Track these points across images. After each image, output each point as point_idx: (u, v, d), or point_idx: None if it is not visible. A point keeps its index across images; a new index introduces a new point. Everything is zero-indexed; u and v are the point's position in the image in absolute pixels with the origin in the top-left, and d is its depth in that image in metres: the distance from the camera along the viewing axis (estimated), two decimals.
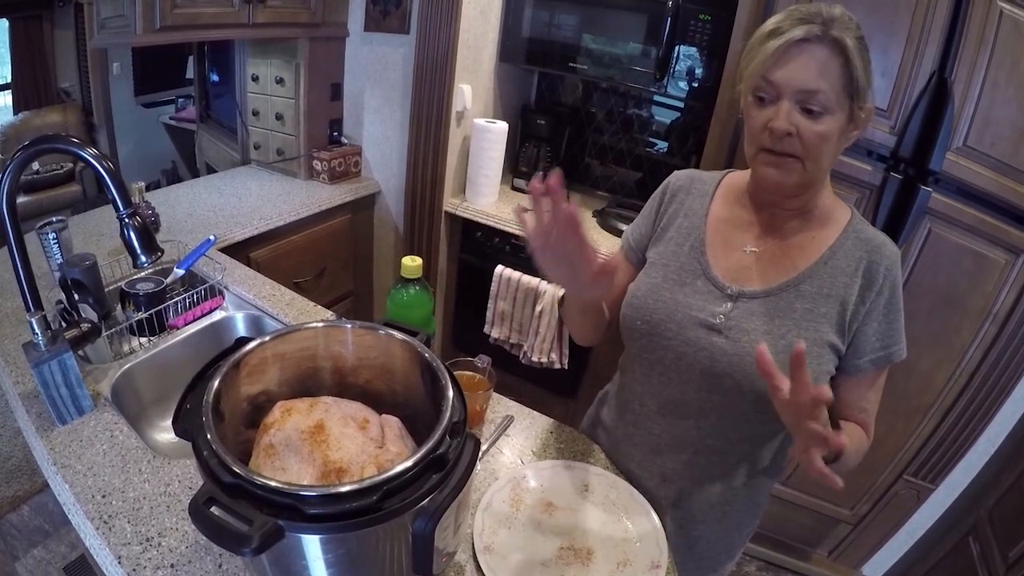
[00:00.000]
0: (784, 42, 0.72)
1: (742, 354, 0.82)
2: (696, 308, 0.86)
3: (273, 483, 0.52)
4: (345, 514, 0.51)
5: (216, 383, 0.64)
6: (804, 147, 0.75)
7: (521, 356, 2.02)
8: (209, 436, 0.57)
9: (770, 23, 0.76)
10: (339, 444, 0.65)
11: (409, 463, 0.55)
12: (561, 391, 2.13)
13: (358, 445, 0.65)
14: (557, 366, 1.95)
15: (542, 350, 1.93)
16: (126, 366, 1.14)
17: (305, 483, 0.60)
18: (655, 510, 0.91)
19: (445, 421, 0.60)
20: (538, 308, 1.90)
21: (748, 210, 0.90)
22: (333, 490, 0.52)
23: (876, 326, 0.82)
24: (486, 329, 2.07)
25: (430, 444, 0.57)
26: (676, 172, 0.99)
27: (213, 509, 0.51)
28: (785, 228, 0.86)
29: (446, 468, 0.57)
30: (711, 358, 0.84)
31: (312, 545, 0.54)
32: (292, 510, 0.51)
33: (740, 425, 0.87)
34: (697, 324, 0.85)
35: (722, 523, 0.97)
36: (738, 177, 0.94)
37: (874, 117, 1.36)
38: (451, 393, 0.65)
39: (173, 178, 4.18)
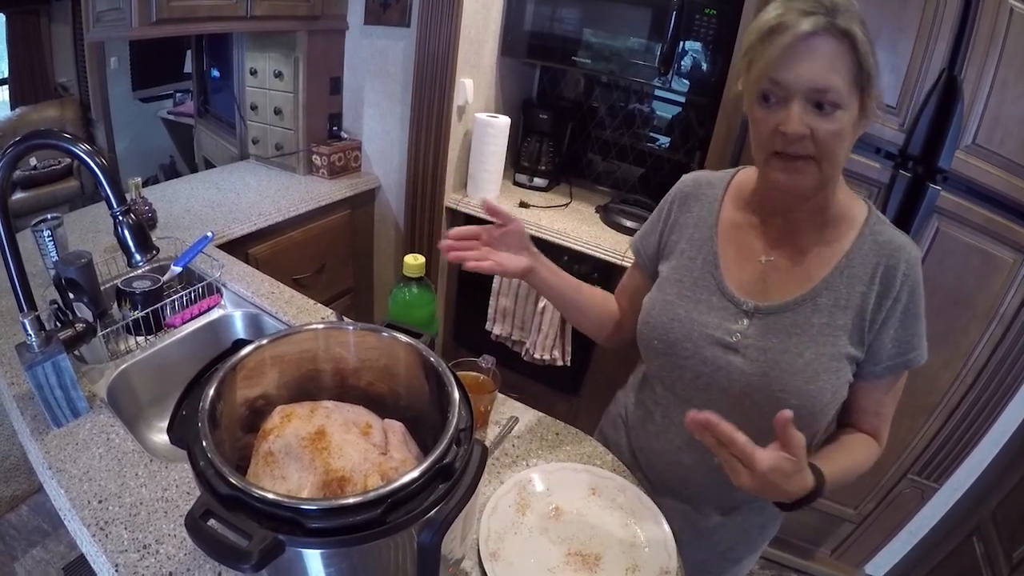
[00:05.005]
0: (790, 39, 0.67)
1: (759, 374, 0.80)
2: (712, 326, 0.84)
3: (272, 496, 0.50)
4: (348, 528, 0.49)
5: (212, 389, 0.62)
6: (818, 148, 0.70)
7: (523, 353, 2.01)
8: (205, 445, 0.55)
9: (770, 16, 0.70)
10: (341, 451, 0.63)
11: (415, 473, 0.53)
12: (564, 388, 2.11)
13: (361, 452, 0.63)
14: (560, 363, 1.94)
15: (544, 347, 1.92)
16: (123, 366, 1.13)
17: (306, 494, 0.58)
18: (679, 511, 0.90)
19: (451, 429, 0.58)
20: (540, 305, 1.88)
21: (761, 214, 0.86)
22: (335, 503, 0.50)
23: (893, 332, 0.79)
24: (488, 326, 2.05)
25: (436, 453, 0.56)
26: (684, 177, 0.96)
27: (210, 522, 0.49)
28: (799, 232, 0.83)
29: (453, 478, 0.56)
30: (728, 378, 0.82)
31: (314, 560, 0.52)
32: (293, 524, 0.49)
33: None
34: (714, 343, 0.83)
35: (743, 526, 0.96)
36: (749, 175, 0.91)
37: (883, 115, 1.36)
38: (457, 399, 0.63)
39: (171, 173, 4.15)
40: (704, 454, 0.88)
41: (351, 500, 0.51)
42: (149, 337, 1.22)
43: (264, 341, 0.72)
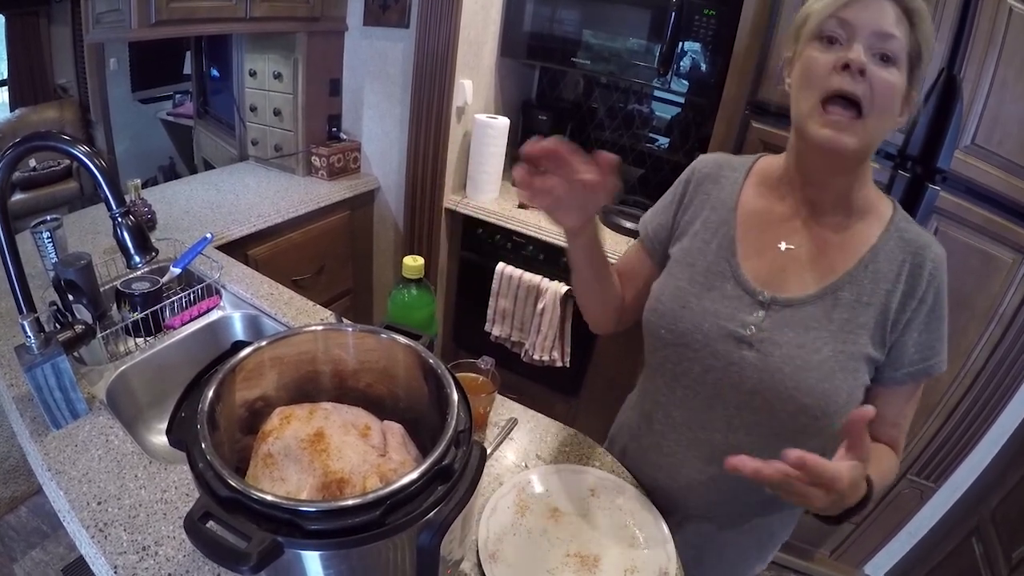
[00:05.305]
0: None
1: (772, 370, 0.76)
2: (725, 317, 0.79)
3: (271, 498, 0.50)
4: (347, 530, 0.49)
5: (211, 391, 0.62)
6: (872, 96, 0.67)
7: (522, 354, 2.01)
8: (204, 446, 0.55)
9: None
10: (340, 453, 0.63)
11: (414, 475, 0.53)
12: (563, 389, 2.12)
13: (359, 454, 0.63)
14: (559, 364, 1.94)
15: (544, 348, 1.92)
16: (122, 368, 1.13)
17: (305, 495, 0.58)
18: (684, 520, 0.89)
19: (450, 431, 0.58)
20: (540, 306, 1.88)
21: (784, 201, 0.82)
22: (334, 505, 0.50)
23: (916, 336, 0.76)
24: (487, 327, 2.05)
25: (435, 455, 0.56)
26: (702, 156, 0.91)
27: (209, 524, 0.49)
28: (824, 222, 0.79)
29: (452, 479, 0.55)
30: (740, 374, 0.78)
31: (313, 561, 0.52)
32: (291, 526, 0.49)
33: (771, 443, 0.79)
34: (726, 335, 0.79)
35: (753, 533, 0.94)
36: (772, 161, 0.86)
37: None
38: (456, 400, 0.63)
39: (170, 175, 4.15)
40: (709, 454, 0.85)
41: (350, 502, 0.51)
42: (148, 339, 1.22)
43: (263, 343, 0.72)
